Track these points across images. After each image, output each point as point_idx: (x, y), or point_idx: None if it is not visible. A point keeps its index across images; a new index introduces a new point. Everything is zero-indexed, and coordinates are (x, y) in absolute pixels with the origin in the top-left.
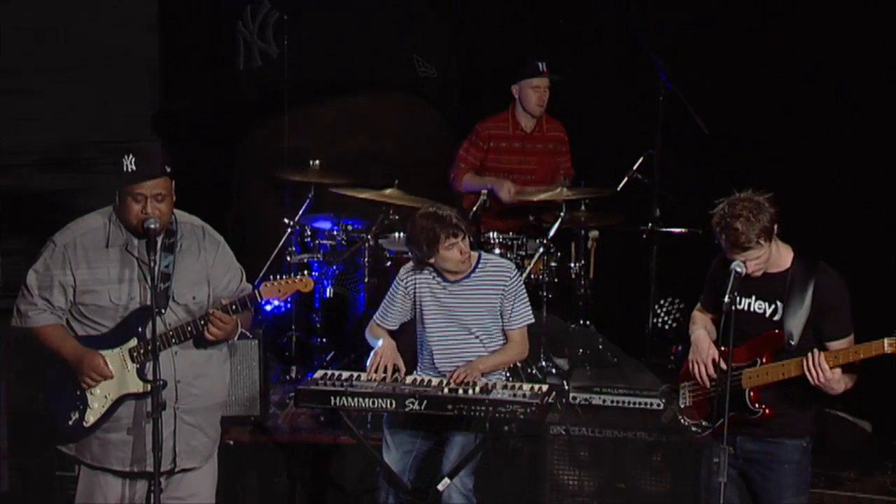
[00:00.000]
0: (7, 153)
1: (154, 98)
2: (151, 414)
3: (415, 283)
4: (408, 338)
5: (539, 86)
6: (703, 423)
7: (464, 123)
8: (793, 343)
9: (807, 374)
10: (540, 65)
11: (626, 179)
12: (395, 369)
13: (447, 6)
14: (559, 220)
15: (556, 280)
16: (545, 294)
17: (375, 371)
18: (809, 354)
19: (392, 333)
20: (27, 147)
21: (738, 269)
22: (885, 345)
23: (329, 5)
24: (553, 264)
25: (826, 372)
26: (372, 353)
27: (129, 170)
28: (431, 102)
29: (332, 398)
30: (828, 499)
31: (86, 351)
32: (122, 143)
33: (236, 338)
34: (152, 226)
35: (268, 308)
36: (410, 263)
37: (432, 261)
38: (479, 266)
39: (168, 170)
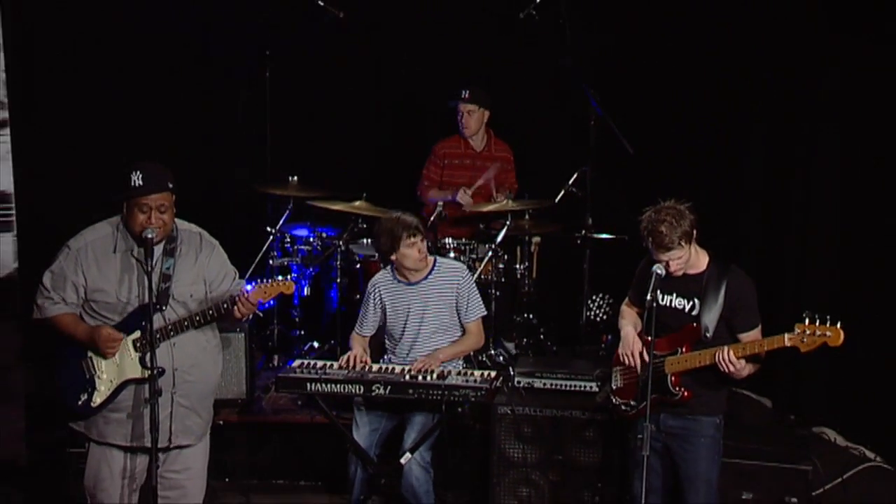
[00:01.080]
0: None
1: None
2: (149, 400)
3: (380, 291)
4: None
5: (461, 110)
6: (632, 403)
7: (424, 143)
8: (708, 335)
9: (718, 365)
10: (463, 92)
11: (562, 193)
12: (363, 362)
13: (400, 35)
14: (505, 227)
15: (503, 280)
16: (494, 292)
17: (346, 363)
18: (719, 351)
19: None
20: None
21: (659, 272)
22: (785, 339)
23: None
24: (501, 266)
25: (735, 364)
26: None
27: (137, 184)
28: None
29: (309, 384)
30: (736, 467)
31: (95, 328)
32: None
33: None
34: (149, 235)
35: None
36: (375, 276)
37: (394, 258)
38: (435, 268)
39: (171, 185)
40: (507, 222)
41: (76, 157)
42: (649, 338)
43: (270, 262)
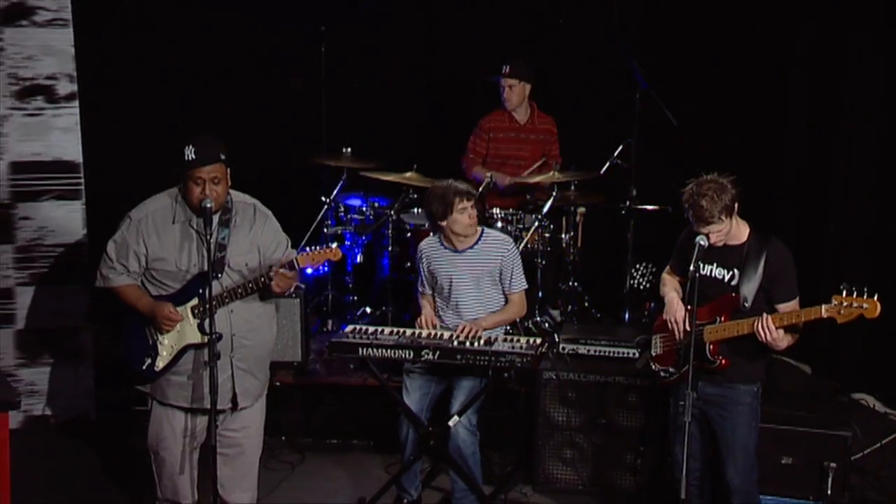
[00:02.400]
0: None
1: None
2: (209, 363)
3: (428, 255)
4: None
5: (503, 84)
6: (671, 370)
7: (472, 116)
8: (747, 305)
9: (756, 333)
10: (504, 67)
11: (608, 164)
12: (435, 326)
13: (449, 11)
14: (552, 198)
15: (549, 249)
16: (540, 261)
17: (420, 325)
18: (759, 318)
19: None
20: None
21: (702, 243)
22: (823, 310)
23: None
24: (547, 235)
25: (772, 332)
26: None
27: (190, 158)
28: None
29: (360, 349)
30: (777, 432)
31: (157, 303)
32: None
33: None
34: (208, 205)
35: (308, 271)
36: (423, 242)
37: (445, 223)
38: (482, 238)
39: (223, 157)
40: (554, 193)
41: (140, 129)
42: (690, 307)
43: (325, 230)
